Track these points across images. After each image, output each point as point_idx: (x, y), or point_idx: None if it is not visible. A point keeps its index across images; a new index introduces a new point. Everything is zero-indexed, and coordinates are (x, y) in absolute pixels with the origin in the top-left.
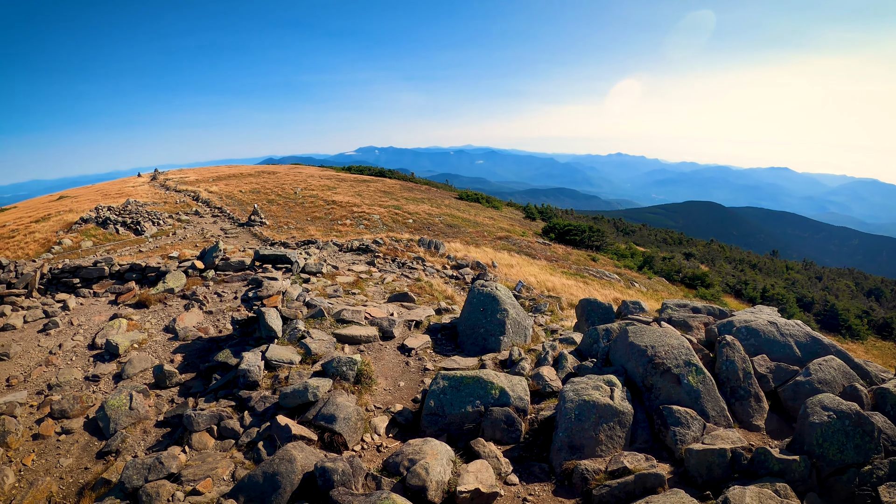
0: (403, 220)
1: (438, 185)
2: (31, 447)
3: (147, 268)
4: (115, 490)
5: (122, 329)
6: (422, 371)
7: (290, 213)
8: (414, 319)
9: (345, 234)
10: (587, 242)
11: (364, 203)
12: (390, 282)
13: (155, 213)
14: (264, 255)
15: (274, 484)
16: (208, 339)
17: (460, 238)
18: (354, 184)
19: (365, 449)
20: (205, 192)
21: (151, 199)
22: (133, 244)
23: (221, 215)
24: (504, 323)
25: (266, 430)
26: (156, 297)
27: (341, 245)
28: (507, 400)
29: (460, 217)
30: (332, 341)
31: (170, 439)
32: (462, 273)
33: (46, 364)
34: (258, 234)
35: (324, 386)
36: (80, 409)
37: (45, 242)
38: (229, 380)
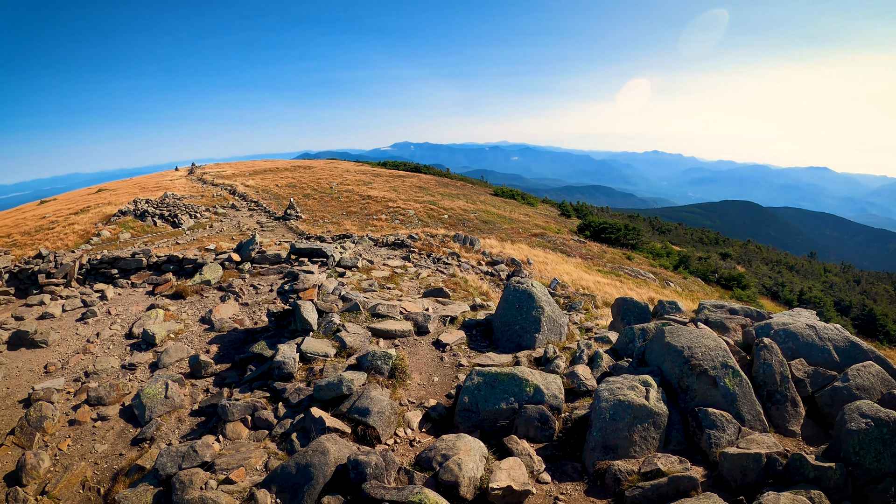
0: (439, 215)
1: (474, 182)
2: (66, 432)
3: (184, 259)
4: (149, 476)
5: (159, 319)
6: (456, 367)
7: (326, 208)
8: (449, 315)
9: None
10: (622, 241)
11: (399, 198)
12: (425, 277)
13: (192, 207)
14: (300, 249)
15: (307, 475)
16: (244, 330)
17: (495, 234)
18: (390, 179)
19: (398, 443)
20: (241, 186)
21: (189, 193)
22: (170, 236)
23: (258, 209)
24: (539, 320)
25: (300, 421)
26: (192, 288)
27: (377, 240)
28: (541, 398)
29: (495, 213)
30: (367, 335)
31: (204, 428)
32: (497, 269)
33: (84, 352)
34: (294, 227)
35: (358, 379)
36: (117, 396)
37: (85, 234)
38: (264, 371)
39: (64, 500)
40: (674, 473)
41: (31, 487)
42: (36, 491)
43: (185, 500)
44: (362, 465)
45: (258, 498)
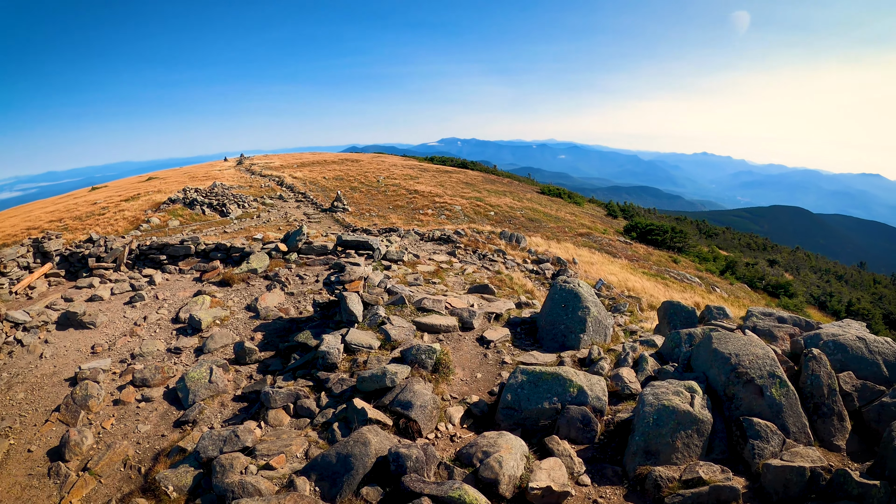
0: (485, 212)
1: (520, 179)
2: (111, 412)
3: (232, 248)
4: (190, 458)
5: (205, 305)
6: (499, 364)
7: (373, 201)
8: (494, 312)
9: (426, 223)
10: (669, 243)
11: (446, 194)
12: (470, 273)
13: (240, 196)
14: (347, 241)
15: (347, 465)
16: (288, 319)
17: (541, 233)
18: (437, 174)
19: (438, 438)
20: (289, 177)
21: (237, 183)
22: (218, 225)
23: (305, 200)
24: (585, 321)
25: (342, 411)
26: (239, 276)
27: (423, 234)
28: (584, 399)
29: (542, 212)
30: (411, 329)
31: (246, 414)
32: (542, 268)
33: (131, 334)
34: (340, 220)
35: (402, 372)
36: (161, 378)
37: (134, 220)
38: (308, 360)
39: (105, 477)
40: (715, 483)
41: (74, 463)
42: (78, 467)
43: (225, 484)
44: (403, 457)
45: (297, 485)
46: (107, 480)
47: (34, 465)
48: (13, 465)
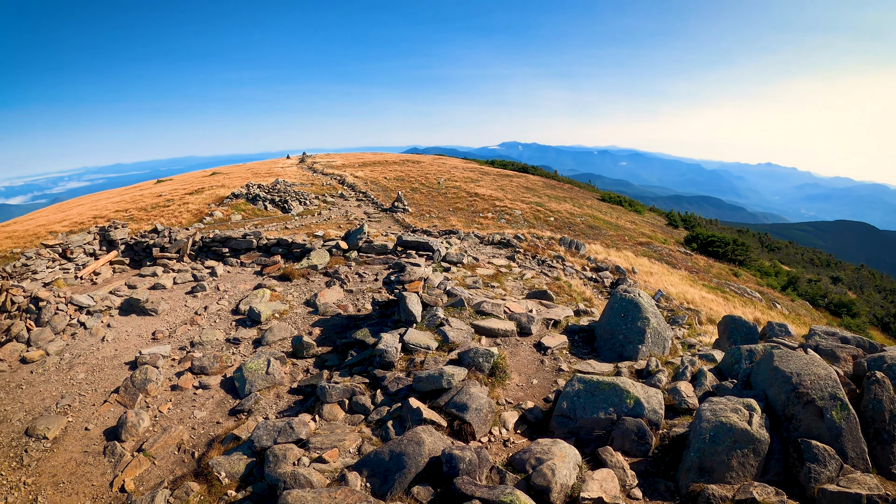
0: (545, 217)
1: (581, 185)
2: (168, 396)
3: (293, 244)
4: (244, 447)
5: (265, 298)
6: (556, 371)
7: (433, 203)
8: (552, 318)
9: (486, 226)
10: (730, 256)
11: (506, 197)
12: (529, 278)
13: (302, 194)
14: (407, 241)
15: (399, 463)
16: (346, 316)
17: (601, 240)
18: (497, 178)
19: (492, 442)
20: (350, 176)
21: (299, 180)
22: (279, 221)
23: (365, 199)
24: (644, 331)
25: (396, 410)
26: (299, 271)
27: (482, 237)
28: (640, 411)
29: (602, 219)
30: (469, 331)
31: (301, 407)
32: (601, 276)
33: (191, 323)
34: (400, 220)
35: (458, 374)
36: (219, 367)
37: (198, 213)
38: (364, 358)
39: (159, 459)
40: None
41: (129, 444)
42: (133, 447)
43: (278, 474)
44: (456, 459)
45: (349, 479)
46: (160, 462)
47: (90, 443)
48: (70, 442)
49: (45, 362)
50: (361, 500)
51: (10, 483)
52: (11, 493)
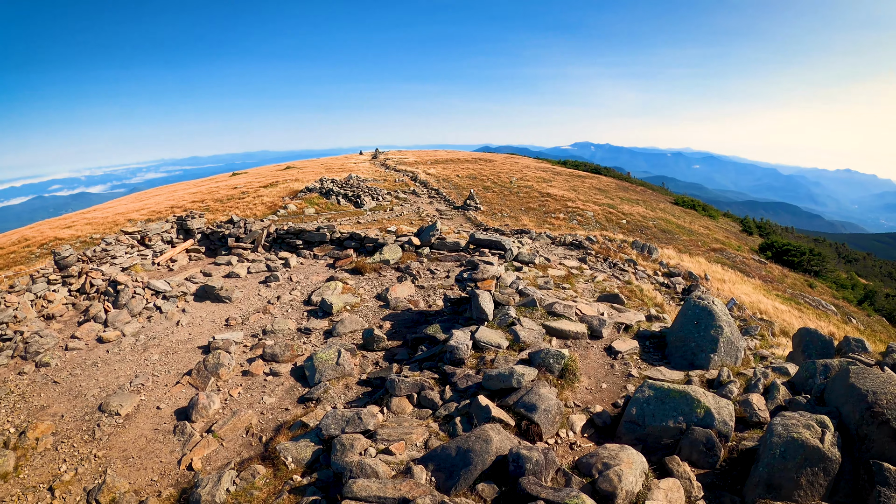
0: (617, 219)
1: (654, 188)
2: (239, 381)
3: (365, 238)
4: (311, 434)
5: (337, 291)
6: (626, 376)
7: (505, 202)
8: (623, 323)
9: (557, 227)
10: (805, 266)
11: (578, 198)
12: (600, 281)
13: (374, 189)
14: (479, 240)
15: (466, 460)
16: (417, 311)
17: (673, 245)
18: (569, 178)
19: (558, 444)
20: (423, 173)
21: (371, 176)
22: (352, 215)
23: (437, 197)
24: (717, 340)
25: (465, 406)
26: (371, 266)
27: (554, 238)
28: (710, 422)
29: (674, 223)
30: (540, 332)
31: (369, 398)
32: (673, 282)
33: (263, 312)
34: (472, 218)
35: (528, 374)
36: (290, 356)
37: (272, 206)
38: (435, 353)
39: (227, 441)
40: None
41: (199, 424)
42: (202, 428)
43: (344, 462)
44: (523, 459)
45: (414, 472)
46: (228, 444)
47: (161, 422)
48: (141, 419)
49: (121, 343)
50: (426, 494)
51: (82, 455)
52: (82, 464)
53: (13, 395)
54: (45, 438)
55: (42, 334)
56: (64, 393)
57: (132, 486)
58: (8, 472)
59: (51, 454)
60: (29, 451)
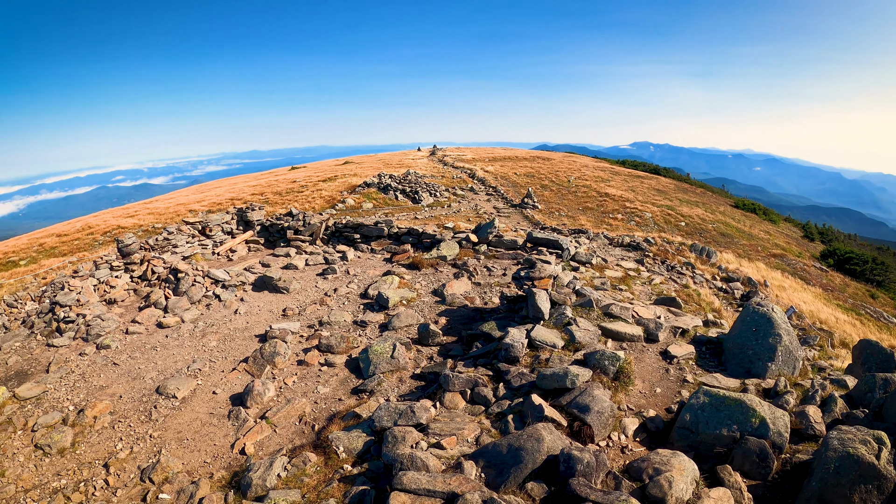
0: (676, 221)
1: (714, 190)
2: (294, 370)
3: (423, 234)
4: (363, 425)
5: (393, 285)
6: (681, 382)
7: (562, 201)
8: (680, 327)
9: (615, 227)
10: (868, 275)
11: (637, 199)
12: (657, 283)
13: (432, 185)
14: (536, 238)
15: (517, 458)
16: (473, 308)
17: (733, 249)
18: (628, 178)
19: (609, 447)
20: (480, 170)
21: (429, 172)
22: (409, 211)
23: (495, 194)
24: (775, 348)
25: (518, 405)
26: (428, 261)
27: (611, 239)
28: (765, 432)
29: (734, 227)
30: (596, 333)
31: (422, 392)
32: (731, 287)
33: (320, 303)
34: (529, 216)
35: (583, 375)
36: (345, 347)
37: (331, 199)
38: (489, 350)
39: (280, 428)
40: None
41: (253, 410)
42: (256, 414)
43: (395, 454)
44: (574, 460)
45: (464, 468)
46: (281, 431)
47: (216, 406)
48: (197, 403)
49: (180, 328)
50: (475, 490)
51: (138, 434)
52: (138, 443)
53: (73, 375)
54: (102, 417)
55: (104, 318)
56: (123, 374)
57: (185, 467)
58: (65, 448)
59: (107, 432)
60: (86, 429)
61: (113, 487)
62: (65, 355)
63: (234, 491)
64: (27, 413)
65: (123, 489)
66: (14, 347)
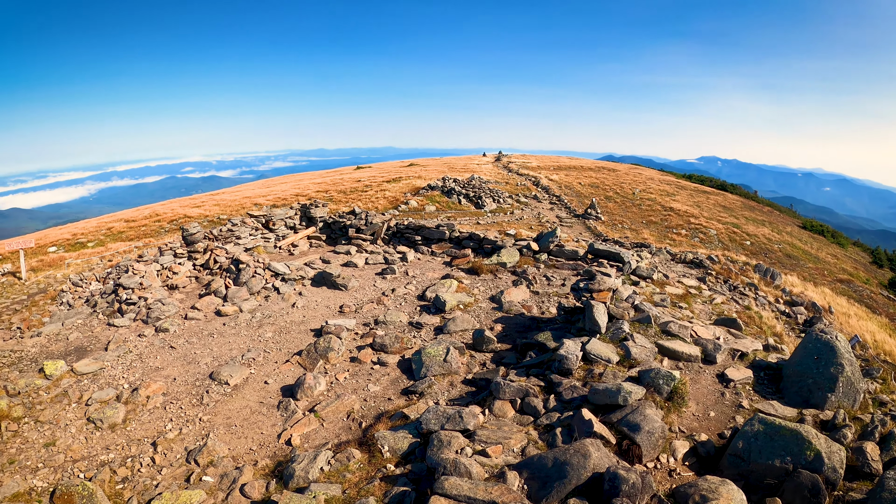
0: (741, 240)
1: (781, 209)
2: (346, 367)
3: (484, 239)
4: (411, 426)
5: (451, 289)
6: (736, 407)
7: (626, 213)
8: (739, 350)
9: (678, 243)
10: None
11: (702, 215)
12: (718, 303)
13: (496, 191)
14: (598, 250)
15: (561, 472)
16: (529, 317)
17: (798, 272)
18: (694, 193)
19: (657, 468)
20: (545, 179)
21: (494, 178)
22: (472, 216)
23: (558, 203)
24: (836, 379)
25: (567, 418)
26: (488, 267)
27: (674, 255)
28: (819, 466)
29: (800, 248)
30: (652, 350)
31: (472, 398)
32: (794, 311)
33: (377, 302)
34: (592, 227)
35: (636, 393)
36: (399, 348)
37: (394, 200)
38: (543, 361)
39: (327, 422)
40: None
41: (303, 403)
42: (305, 407)
43: (440, 458)
44: (620, 480)
45: (508, 478)
46: (328, 425)
47: (266, 396)
48: (248, 391)
49: (238, 318)
50: (516, 501)
51: (188, 417)
52: (187, 425)
53: (131, 355)
54: (155, 397)
55: (164, 302)
56: (179, 358)
57: (231, 452)
58: (116, 424)
59: (158, 412)
60: (139, 407)
61: (159, 466)
62: (124, 335)
63: (277, 480)
64: (83, 387)
65: (169, 468)
66: (76, 324)
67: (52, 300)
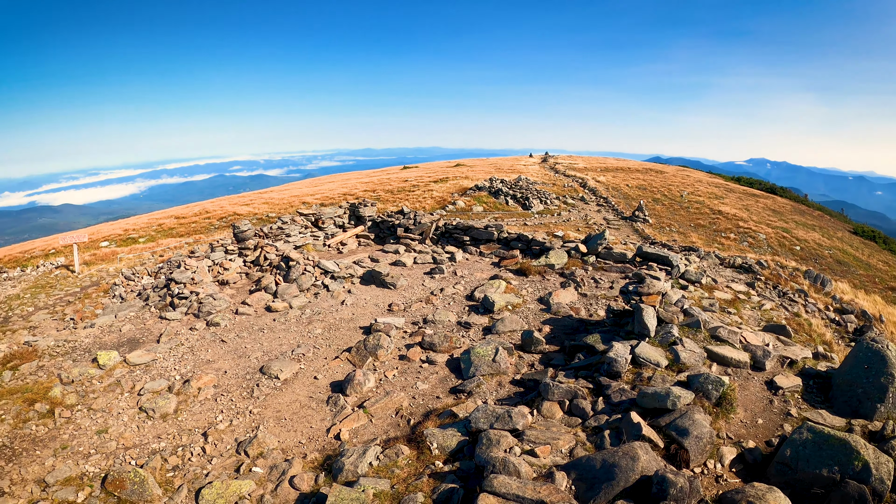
0: (790, 245)
1: (832, 213)
2: (395, 364)
3: (532, 240)
4: (459, 425)
5: (500, 290)
6: (784, 415)
7: (674, 216)
8: (788, 357)
9: (727, 247)
10: None
11: (751, 219)
12: (767, 309)
13: (543, 193)
14: (646, 253)
15: (609, 474)
16: (578, 319)
17: (848, 279)
18: (742, 196)
19: (704, 474)
20: (592, 180)
21: (541, 179)
22: (519, 217)
23: (606, 205)
24: (886, 389)
25: (615, 420)
26: (536, 268)
27: (723, 259)
28: (866, 477)
29: (851, 255)
30: (701, 355)
31: (520, 399)
32: (844, 319)
33: (426, 302)
34: (639, 230)
35: (685, 398)
36: (448, 347)
37: (441, 200)
38: (591, 363)
39: (376, 419)
40: None
41: (352, 399)
42: (354, 403)
43: (489, 457)
44: (668, 483)
45: (556, 478)
46: (377, 421)
47: (316, 391)
48: (298, 386)
49: (288, 314)
50: (564, 501)
51: (238, 409)
52: (237, 417)
53: (182, 348)
54: (206, 389)
55: (216, 297)
56: (229, 352)
57: (280, 445)
58: (168, 414)
59: (209, 404)
60: (190, 399)
61: (209, 455)
62: (176, 328)
63: (326, 473)
64: (135, 377)
65: (219, 458)
66: (128, 317)
67: (105, 293)
